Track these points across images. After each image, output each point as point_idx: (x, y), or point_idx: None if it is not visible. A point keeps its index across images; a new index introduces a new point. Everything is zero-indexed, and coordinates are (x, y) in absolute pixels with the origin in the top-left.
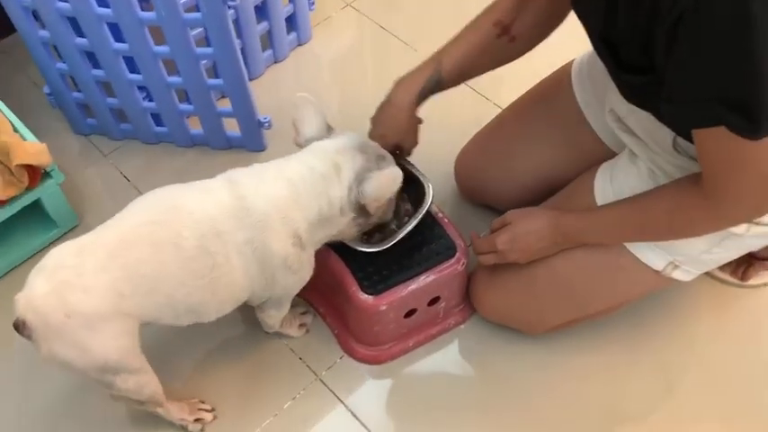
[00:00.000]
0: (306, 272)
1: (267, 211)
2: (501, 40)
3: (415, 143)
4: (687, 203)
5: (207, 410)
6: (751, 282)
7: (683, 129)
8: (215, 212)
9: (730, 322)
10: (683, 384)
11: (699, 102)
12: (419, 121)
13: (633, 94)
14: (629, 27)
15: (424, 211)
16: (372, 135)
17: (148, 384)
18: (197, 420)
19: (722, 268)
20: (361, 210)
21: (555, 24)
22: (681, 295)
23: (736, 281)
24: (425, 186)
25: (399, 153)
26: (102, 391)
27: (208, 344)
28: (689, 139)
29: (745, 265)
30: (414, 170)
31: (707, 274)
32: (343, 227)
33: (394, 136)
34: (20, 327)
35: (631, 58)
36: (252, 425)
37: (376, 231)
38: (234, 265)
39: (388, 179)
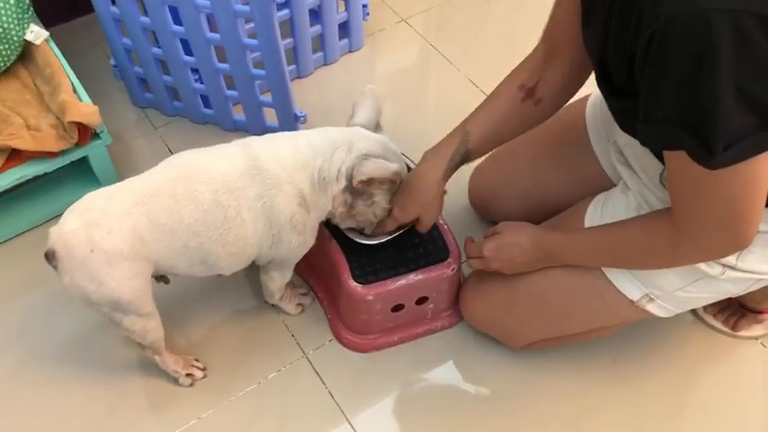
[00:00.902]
0: (309, 236)
1: (276, 171)
2: (526, 104)
3: (437, 216)
4: (656, 232)
5: (199, 368)
6: (742, 333)
7: (652, 150)
8: (229, 170)
9: (714, 370)
10: (653, 422)
11: (662, 123)
12: (444, 192)
13: (623, 119)
14: (617, 49)
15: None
16: (397, 201)
17: (153, 331)
18: (188, 375)
19: (715, 316)
20: (349, 184)
21: (579, 83)
22: (668, 336)
23: (727, 330)
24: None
25: (419, 223)
26: (115, 334)
27: (215, 308)
28: None
29: (737, 315)
30: None
31: (699, 318)
32: (335, 197)
33: (417, 208)
34: (49, 256)
35: (620, 82)
36: (236, 388)
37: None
38: (244, 219)
39: (381, 167)
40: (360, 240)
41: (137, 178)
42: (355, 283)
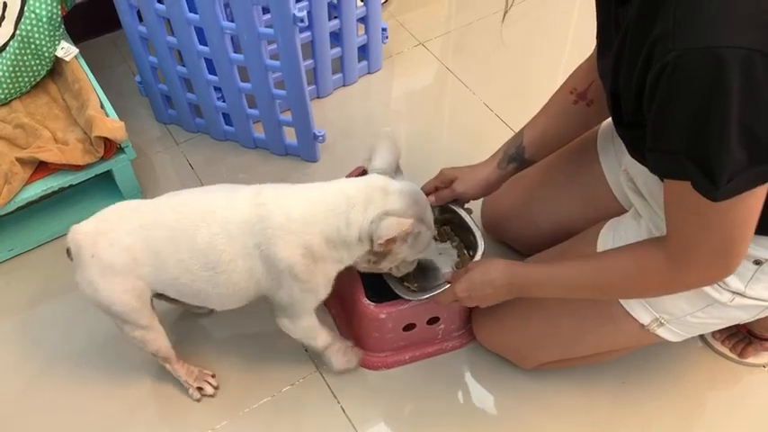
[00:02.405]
0: (316, 284)
1: (280, 221)
2: (578, 106)
3: (473, 197)
4: (647, 262)
5: (211, 385)
6: (749, 360)
7: (661, 178)
8: (231, 216)
9: (721, 396)
10: None
11: (669, 153)
12: (496, 184)
13: (633, 149)
14: (628, 80)
15: (479, 253)
16: (448, 171)
17: (153, 342)
18: (198, 388)
19: (723, 342)
20: (371, 245)
21: None
22: (675, 361)
23: (734, 356)
24: (476, 236)
25: (448, 190)
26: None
27: (231, 320)
28: None
29: (745, 342)
30: (468, 220)
31: (707, 344)
32: (359, 257)
33: (462, 178)
34: (68, 251)
35: (630, 112)
36: (250, 400)
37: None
38: (237, 266)
39: (398, 224)
40: (400, 294)
41: (153, 200)
42: (368, 302)
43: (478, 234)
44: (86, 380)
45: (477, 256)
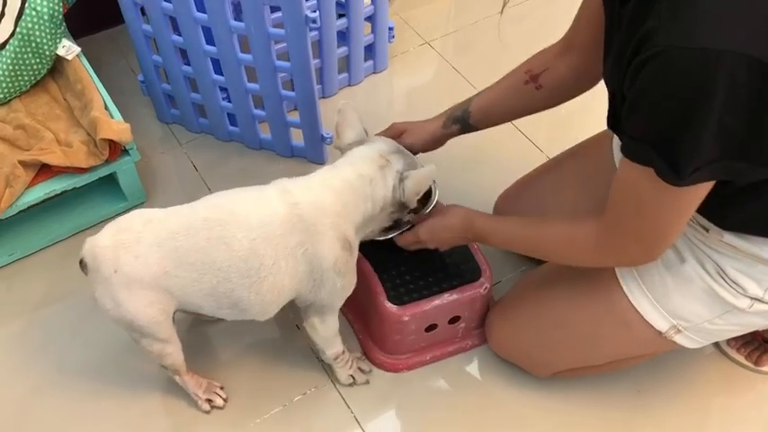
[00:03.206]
0: (351, 276)
1: (318, 217)
2: (528, 86)
3: (421, 146)
4: (578, 233)
5: (221, 396)
6: (765, 368)
7: (631, 160)
8: (269, 219)
9: (736, 403)
10: None
11: (638, 141)
12: (439, 140)
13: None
14: (618, 73)
15: (429, 208)
16: (390, 128)
17: (171, 355)
18: (208, 400)
19: (738, 350)
20: (401, 205)
21: (582, 87)
22: (690, 369)
23: (749, 364)
24: (432, 187)
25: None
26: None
27: (241, 328)
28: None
29: (760, 350)
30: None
31: (722, 352)
32: (381, 221)
33: (408, 129)
34: (81, 264)
35: (619, 106)
36: (261, 410)
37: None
38: (281, 268)
39: (425, 176)
40: (379, 238)
41: (178, 209)
42: (391, 305)
43: (434, 185)
44: (91, 392)
45: (431, 205)
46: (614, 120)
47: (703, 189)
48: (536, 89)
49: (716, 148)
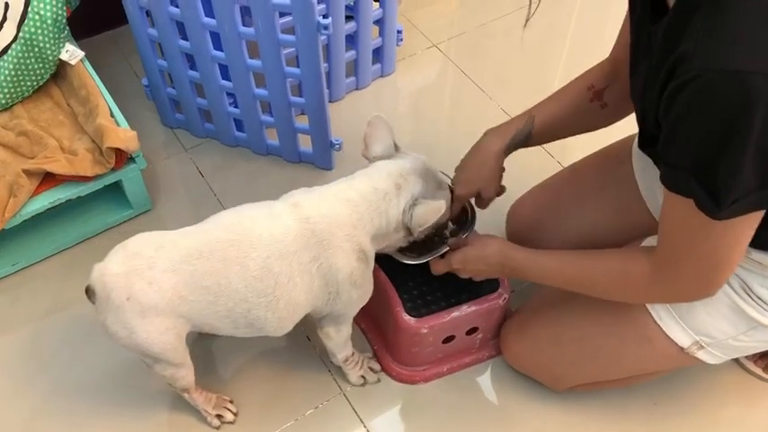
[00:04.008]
0: (368, 286)
1: (332, 231)
2: (593, 105)
3: (496, 191)
4: (634, 268)
5: (231, 411)
6: None
7: (670, 190)
8: (281, 236)
9: (753, 416)
10: None
11: (676, 168)
12: (503, 169)
13: (658, 165)
14: (651, 94)
15: (466, 235)
16: (458, 179)
17: (184, 378)
18: (218, 416)
19: (756, 362)
20: (408, 230)
21: None
22: (706, 380)
23: (766, 376)
24: (469, 211)
25: (479, 199)
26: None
27: (251, 341)
28: None
29: None
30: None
31: (737, 363)
32: (397, 241)
33: (479, 181)
34: (89, 292)
35: (651, 126)
36: (273, 424)
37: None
38: (296, 285)
39: (434, 210)
40: (407, 261)
41: (189, 231)
42: (409, 317)
43: (473, 211)
44: (97, 409)
45: (469, 231)
46: (644, 140)
47: (754, 219)
48: (601, 108)
49: (756, 177)
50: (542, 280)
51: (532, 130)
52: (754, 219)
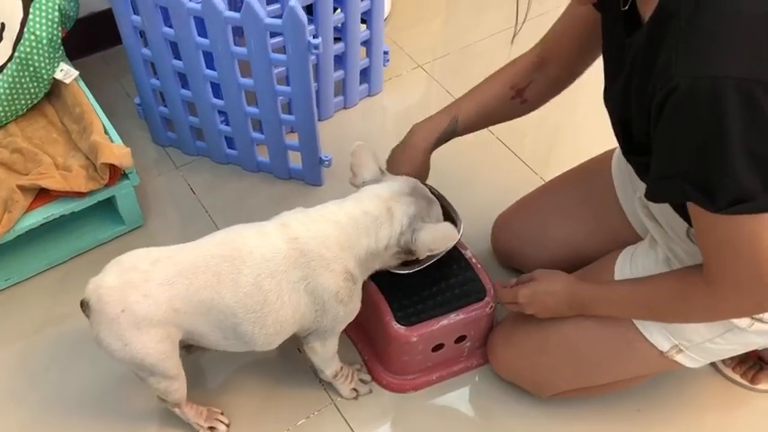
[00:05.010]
0: (355, 304)
1: (320, 251)
2: (514, 102)
3: (423, 181)
4: (690, 288)
5: (223, 422)
6: (760, 386)
7: (659, 202)
8: (271, 255)
9: (733, 421)
10: None
11: (669, 179)
12: (428, 167)
13: (644, 174)
14: (638, 105)
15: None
16: (388, 169)
17: (177, 391)
18: (210, 428)
19: (734, 368)
20: (409, 251)
21: (562, 89)
22: (688, 387)
23: (746, 383)
24: (457, 222)
25: None
26: (136, 381)
27: (239, 353)
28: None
29: (755, 368)
30: (448, 206)
31: (718, 371)
32: (386, 260)
33: (410, 174)
34: (83, 306)
35: (640, 138)
36: None
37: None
38: (285, 303)
39: (445, 236)
40: (392, 271)
41: (184, 247)
42: (399, 326)
43: (458, 215)
44: (88, 425)
45: (460, 232)
46: (630, 148)
47: None
48: (521, 104)
49: (755, 180)
50: (609, 311)
51: (456, 126)
52: None
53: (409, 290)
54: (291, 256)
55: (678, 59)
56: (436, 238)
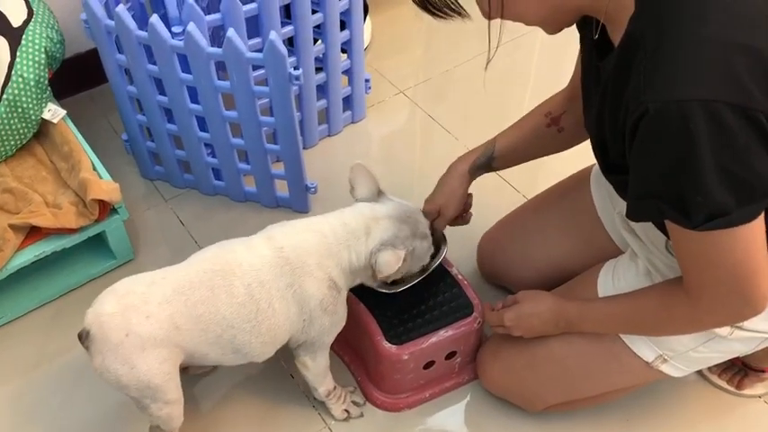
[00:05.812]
0: (340, 315)
1: (303, 259)
2: (550, 129)
3: (457, 211)
4: (672, 301)
5: None
6: (746, 391)
7: (639, 221)
8: (259, 265)
9: (721, 427)
10: None
11: (645, 199)
12: (469, 195)
13: (622, 193)
14: (612, 128)
15: (436, 264)
16: (427, 199)
17: (177, 418)
18: None
19: (719, 375)
20: (374, 273)
21: None
22: (676, 396)
23: (732, 389)
24: (441, 243)
25: (439, 217)
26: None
27: (231, 377)
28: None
29: (741, 374)
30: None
31: (704, 378)
32: (367, 279)
33: (439, 198)
34: (83, 336)
35: (616, 159)
36: None
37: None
38: (276, 310)
39: (389, 261)
40: (381, 290)
41: (176, 267)
42: (390, 345)
43: (444, 245)
44: None
45: (437, 262)
46: (608, 167)
47: (757, 224)
48: (558, 131)
49: (728, 196)
50: (595, 328)
51: (494, 154)
52: (756, 225)
53: (398, 309)
54: (278, 265)
55: (646, 85)
56: (383, 262)
